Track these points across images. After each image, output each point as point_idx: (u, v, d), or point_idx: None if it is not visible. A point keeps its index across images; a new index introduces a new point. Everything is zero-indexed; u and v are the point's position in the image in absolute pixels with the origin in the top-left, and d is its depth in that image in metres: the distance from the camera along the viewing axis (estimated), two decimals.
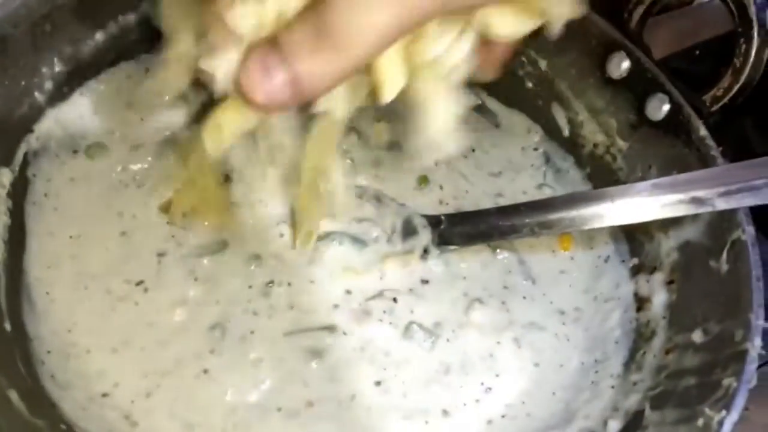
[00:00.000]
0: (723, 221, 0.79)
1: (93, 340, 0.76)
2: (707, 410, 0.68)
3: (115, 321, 0.78)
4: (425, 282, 0.87)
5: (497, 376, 0.82)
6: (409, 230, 0.88)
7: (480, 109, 1.03)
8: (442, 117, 0.67)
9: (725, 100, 0.86)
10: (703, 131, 0.83)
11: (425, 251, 0.88)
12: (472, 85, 1.01)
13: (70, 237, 0.82)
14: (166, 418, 0.74)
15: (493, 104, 1.03)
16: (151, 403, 0.74)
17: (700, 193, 0.77)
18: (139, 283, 0.81)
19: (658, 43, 1.03)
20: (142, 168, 0.88)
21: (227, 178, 0.84)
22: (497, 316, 0.86)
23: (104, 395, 0.74)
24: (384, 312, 0.83)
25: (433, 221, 0.89)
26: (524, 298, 0.88)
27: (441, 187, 0.95)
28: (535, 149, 1.00)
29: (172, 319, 0.79)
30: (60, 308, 0.78)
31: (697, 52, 1.22)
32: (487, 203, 0.94)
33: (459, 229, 0.88)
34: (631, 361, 0.82)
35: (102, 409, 0.73)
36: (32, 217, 0.82)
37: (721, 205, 0.76)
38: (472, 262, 0.89)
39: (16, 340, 0.74)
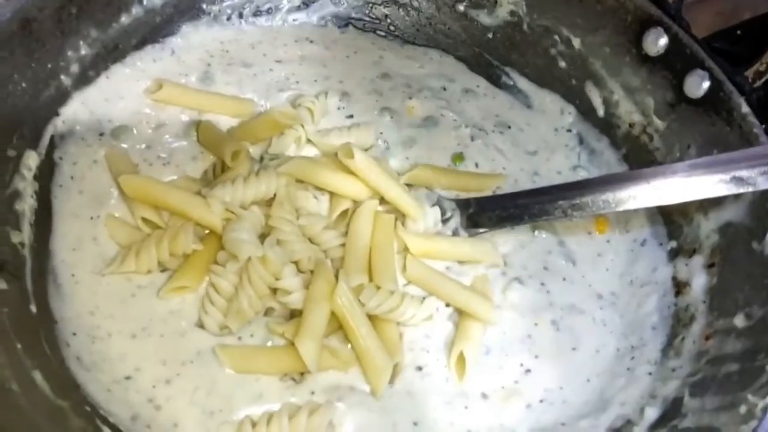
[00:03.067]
0: (766, 201, 0.76)
1: (114, 324, 0.76)
2: (750, 397, 0.65)
3: (134, 307, 0.77)
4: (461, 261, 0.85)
5: (536, 357, 0.80)
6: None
7: (511, 90, 1.01)
8: None
9: None
10: (744, 108, 0.80)
11: (454, 234, 0.86)
12: (501, 62, 1.01)
13: (91, 218, 0.82)
14: (187, 405, 0.73)
15: (524, 84, 1.00)
16: (171, 390, 0.73)
17: (741, 173, 0.74)
18: (163, 270, 0.80)
19: (699, 24, 1.00)
20: (166, 146, 0.88)
21: None
22: (536, 297, 0.84)
23: (127, 378, 0.73)
24: (423, 296, 0.81)
25: (462, 204, 0.87)
26: (564, 279, 0.86)
27: (477, 165, 0.93)
28: (569, 130, 0.98)
29: (193, 309, 0.78)
30: (84, 291, 0.77)
31: (739, 32, 1.17)
32: (524, 181, 0.92)
33: (488, 213, 0.85)
34: (670, 347, 0.79)
35: (126, 391, 0.72)
36: (59, 199, 0.82)
37: (765, 184, 0.73)
38: (511, 241, 0.87)
39: (42, 321, 0.74)
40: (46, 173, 0.82)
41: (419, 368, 0.78)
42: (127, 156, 0.85)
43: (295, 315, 0.78)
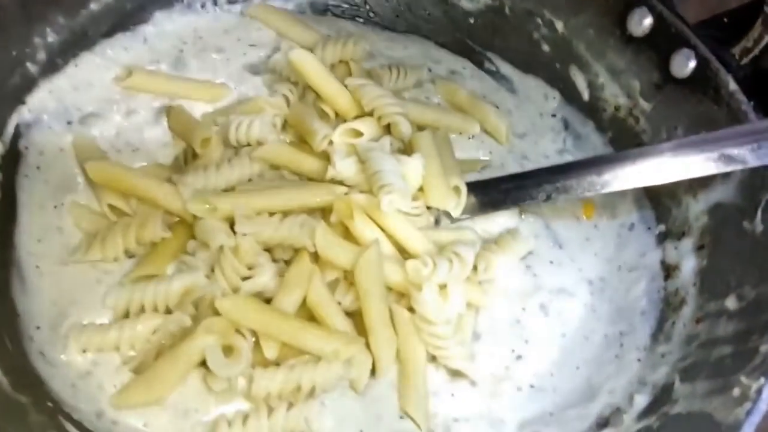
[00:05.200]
0: (756, 178, 0.73)
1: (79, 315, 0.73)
2: (743, 379, 0.63)
3: (100, 297, 0.74)
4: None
5: (527, 342, 0.78)
6: None
7: (495, 76, 0.98)
8: None
9: (756, 51, 0.80)
10: (732, 86, 0.77)
11: (437, 221, 0.83)
12: (484, 47, 0.98)
13: (54, 207, 0.79)
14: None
15: (507, 70, 0.97)
16: None
17: (730, 150, 0.71)
18: (131, 256, 0.77)
19: (685, 13, 0.98)
20: (136, 133, 0.85)
21: None
22: (522, 280, 0.81)
23: (88, 373, 0.70)
24: None
25: None
26: (551, 263, 0.83)
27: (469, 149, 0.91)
28: (553, 115, 0.95)
29: None
30: (48, 283, 0.74)
31: (725, 20, 1.16)
32: (512, 165, 0.90)
33: (471, 199, 0.82)
34: (659, 332, 0.77)
35: (89, 387, 0.70)
36: (24, 190, 0.79)
37: (754, 161, 0.71)
38: (496, 226, 0.84)
39: (4, 315, 0.71)
40: (11, 163, 0.79)
41: None
42: (95, 143, 0.83)
43: None
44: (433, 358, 0.74)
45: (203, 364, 0.69)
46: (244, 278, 0.74)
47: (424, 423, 0.72)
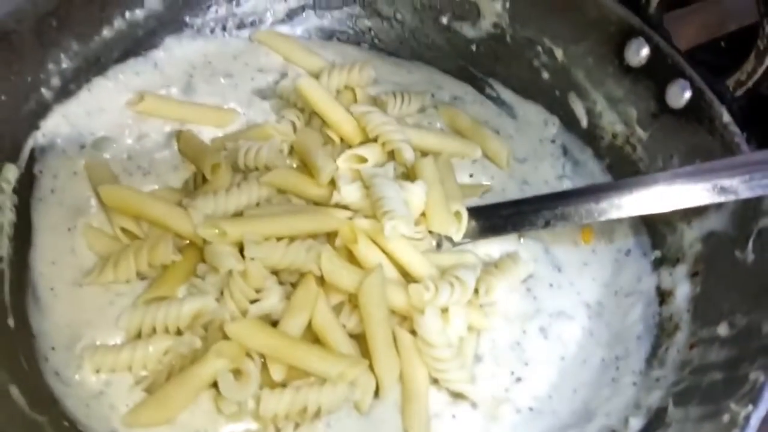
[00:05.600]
0: (748, 210, 0.75)
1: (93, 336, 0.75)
2: (733, 405, 0.65)
3: (113, 319, 0.76)
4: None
5: (527, 365, 0.80)
6: None
7: (495, 101, 1.00)
8: None
9: (749, 84, 0.82)
10: (726, 117, 0.79)
11: (438, 245, 0.86)
12: (485, 74, 1.01)
13: (68, 230, 0.81)
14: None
15: (508, 96, 1.00)
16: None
17: (723, 182, 0.74)
18: (143, 278, 0.79)
19: (683, 37, 1.00)
20: (147, 157, 0.87)
21: None
22: (523, 302, 0.83)
23: (101, 393, 0.72)
24: None
25: None
26: (551, 285, 0.85)
27: (471, 175, 0.93)
28: (553, 141, 0.97)
29: None
30: (62, 304, 0.77)
31: (723, 44, 1.18)
32: (513, 190, 0.92)
33: (472, 223, 0.85)
34: (654, 357, 0.79)
35: (102, 407, 0.72)
36: (38, 213, 0.81)
37: (746, 193, 0.73)
38: (496, 250, 0.86)
39: (20, 336, 0.74)
40: (26, 187, 0.82)
41: None
42: (107, 166, 0.85)
43: None
44: (435, 380, 0.76)
45: (213, 385, 0.72)
46: (252, 301, 0.76)
47: None
